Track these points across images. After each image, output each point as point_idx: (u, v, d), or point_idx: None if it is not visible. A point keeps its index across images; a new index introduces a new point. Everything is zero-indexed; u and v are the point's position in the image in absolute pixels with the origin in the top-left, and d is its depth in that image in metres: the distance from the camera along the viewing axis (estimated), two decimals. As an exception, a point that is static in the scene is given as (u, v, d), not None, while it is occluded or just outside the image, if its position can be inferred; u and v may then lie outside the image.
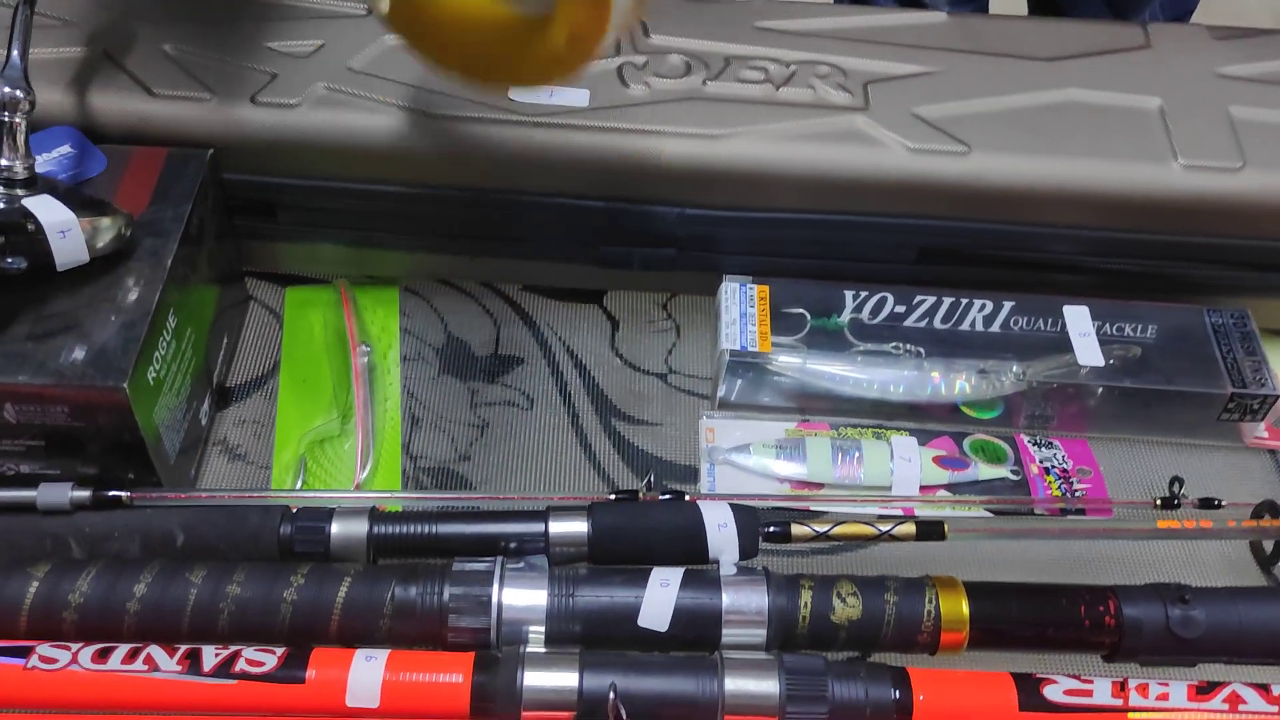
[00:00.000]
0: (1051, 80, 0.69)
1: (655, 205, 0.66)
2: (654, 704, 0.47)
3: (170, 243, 0.56)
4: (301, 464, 0.63)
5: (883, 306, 0.68)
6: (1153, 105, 0.68)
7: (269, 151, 0.63)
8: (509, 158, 0.64)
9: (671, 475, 0.66)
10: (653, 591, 0.51)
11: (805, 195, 0.65)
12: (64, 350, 0.51)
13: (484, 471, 0.65)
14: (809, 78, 0.68)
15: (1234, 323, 0.68)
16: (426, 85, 0.65)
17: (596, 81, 0.67)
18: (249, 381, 0.68)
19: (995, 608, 0.52)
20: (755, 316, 0.67)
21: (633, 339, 0.72)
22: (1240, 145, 0.65)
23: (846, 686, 0.49)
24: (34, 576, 0.50)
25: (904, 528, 0.56)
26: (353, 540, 0.53)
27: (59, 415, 0.52)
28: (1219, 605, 0.53)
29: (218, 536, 0.53)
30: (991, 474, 0.65)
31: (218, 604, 0.49)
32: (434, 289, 0.74)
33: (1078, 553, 0.63)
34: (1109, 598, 0.53)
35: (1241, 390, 0.65)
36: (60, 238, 0.51)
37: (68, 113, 0.62)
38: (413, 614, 0.50)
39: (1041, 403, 0.67)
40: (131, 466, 0.55)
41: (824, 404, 0.67)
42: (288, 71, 0.65)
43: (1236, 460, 0.69)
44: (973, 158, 0.64)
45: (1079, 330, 0.67)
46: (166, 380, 0.56)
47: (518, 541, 0.53)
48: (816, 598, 0.51)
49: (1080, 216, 0.65)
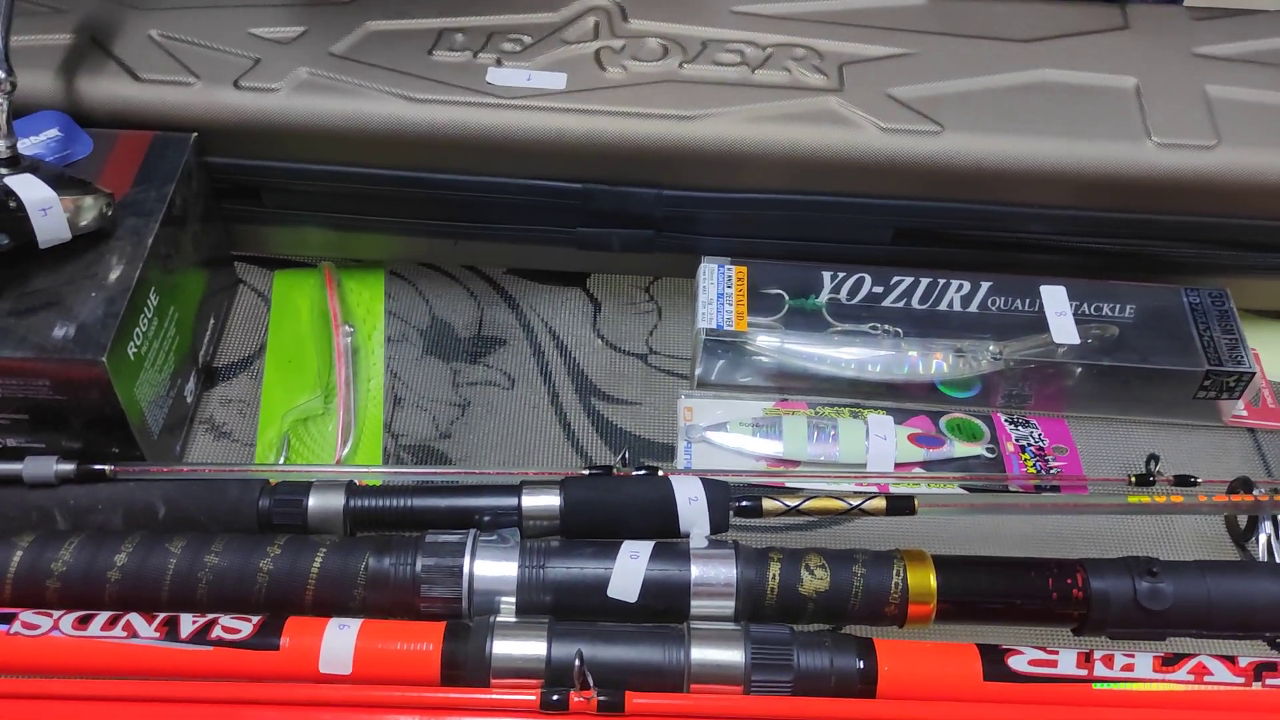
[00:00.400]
0: (1027, 61, 0.69)
1: (633, 186, 0.66)
2: (621, 672, 0.48)
3: (152, 222, 0.58)
4: (284, 441, 0.64)
5: (861, 287, 0.69)
6: (1128, 85, 0.68)
7: (251, 135, 0.65)
8: (486, 141, 0.64)
9: (649, 453, 0.66)
10: (622, 563, 0.51)
11: (781, 176, 0.66)
12: (46, 325, 0.53)
13: (464, 449, 0.66)
14: (785, 60, 0.68)
15: (1212, 301, 0.69)
16: (405, 70, 0.66)
17: (574, 65, 0.68)
18: (236, 362, 0.69)
19: (963, 580, 0.53)
20: (732, 297, 0.67)
21: (614, 320, 0.73)
22: (1215, 123, 0.66)
23: (812, 656, 0.49)
24: (18, 546, 0.51)
25: (874, 502, 0.56)
26: (330, 513, 0.54)
27: (41, 389, 0.53)
28: (1188, 578, 0.53)
29: (198, 509, 0.54)
30: (967, 452, 0.66)
31: (196, 574, 0.51)
32: (419, 272, 0.75)
33: (1052, 530, 0.63)
34: (1077, 571, 0.53)
35: (1217, 368, 0.65)
36: (42, 215, 0.52)
37: (56, 97, 0.64)
38: (386, 584, 0.51)
39: (1019, 382, 0.68)
40: (114, 441, 0.56)
41: (802, 384, 0.68)
42: (270, 57, 0.66)
43: (1215, 439, 0.69)
44: (945, 137, 0.64)
45: (1055, 310, 0.68)
46: (148, 357, 0.57)
47: (491, 515, 0.54)
48: (785, 570, 0.52)
49: (1054, 196, 0.66)
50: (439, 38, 0.69)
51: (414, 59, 0.67)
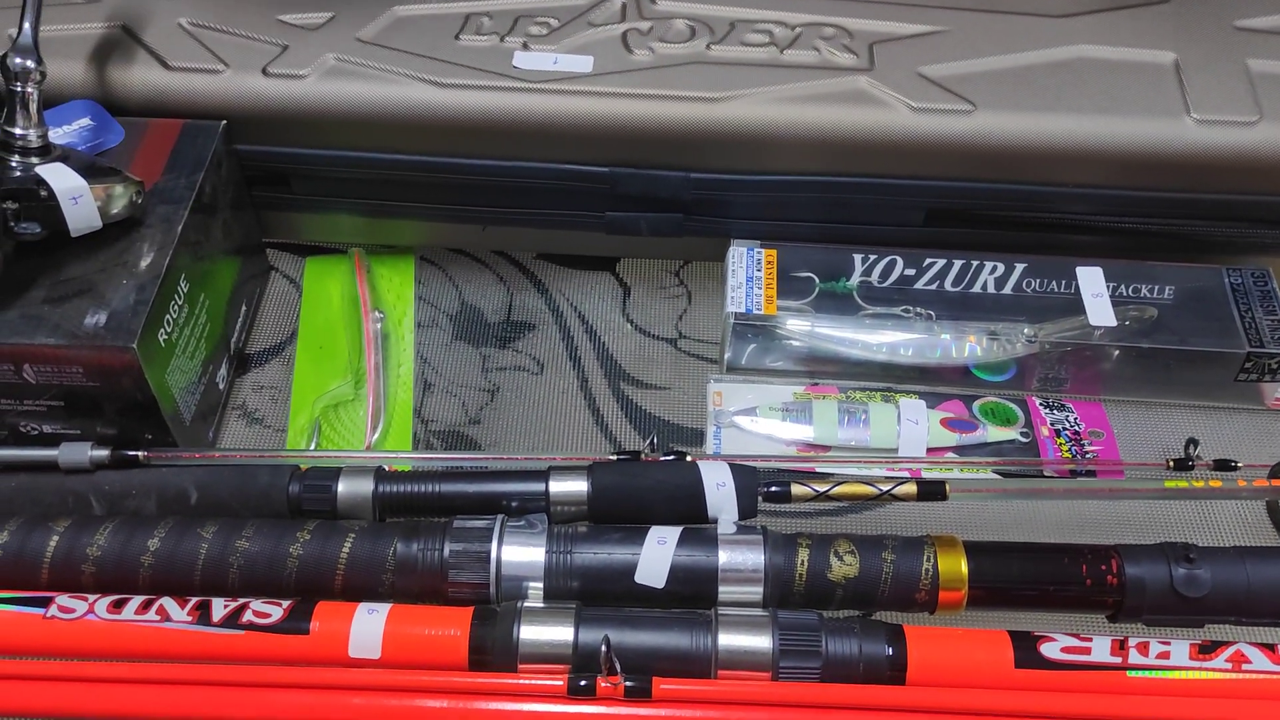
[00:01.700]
0: (1062, 37, 0.67)
1: (661, 170, 0.66)
2: (648, 657, 0.48)
3: (182, 210, 0.58)
4: (316, 427, 0.65)
5: (892, 269, 0.68)
6: (1167, 60, 0.66)
7: (280, 122, 0.65)
8: (513, 125, 0.64)
9: (678, 439, 0.66)
10: (650, 549, 0.51)
11: (810, 157, 0.65)
12: (78, 313, 0.53)
13: (493, 435, 0.66)
14: (814, 39, 0.67)
15: (1254, 282, 0.67)
16: (433, 55, 0.66)
17: (600, 48, 0.67)
18: (268, 348, 0.70)
19: (995, 566, 0.52)
20: (762, 280, 0.67)
21: (644, 305, 0.73)
22: (1258, 98, 0.64)
23: (840, 642, 0.49)
24: (55, 531, 0.52)
25: (905, 488, 0.56)
26: (359, 499, 0.54)
27: (75, 375, 0.54)
28: (1226, 564, 0.52)
29: (229, 494, 0.54)
30: (1000, 436, 0.65)
31: (227, 558, 0.51)
32: (449, 258, 0.75)
33: (1088, 515, 0.62)
34: (1112, 557, 0.52)
35: (1259, 349, 0.64)
36: (72, 204, 0.53)
37: (88, 86, 0.64)
38: (414, 569, 0.51)
39: (1055, 365, 0.66)
40: (147, 427, 0.57)
41: (833, 367, 0.67)
42: (298, 43, 0.66)
43: (1257, 422, 0.67)
44: (978, 116, 0.63)
45: (1092, 291, 0.66)
46: (179, 344, 0.57)
47: (519, 500, 0.54)
48: (814, 556, 0.51)
49: (1090, 175, 0.64)
50: (465, 22, 0.69)
51: (441, 43, 0.67)
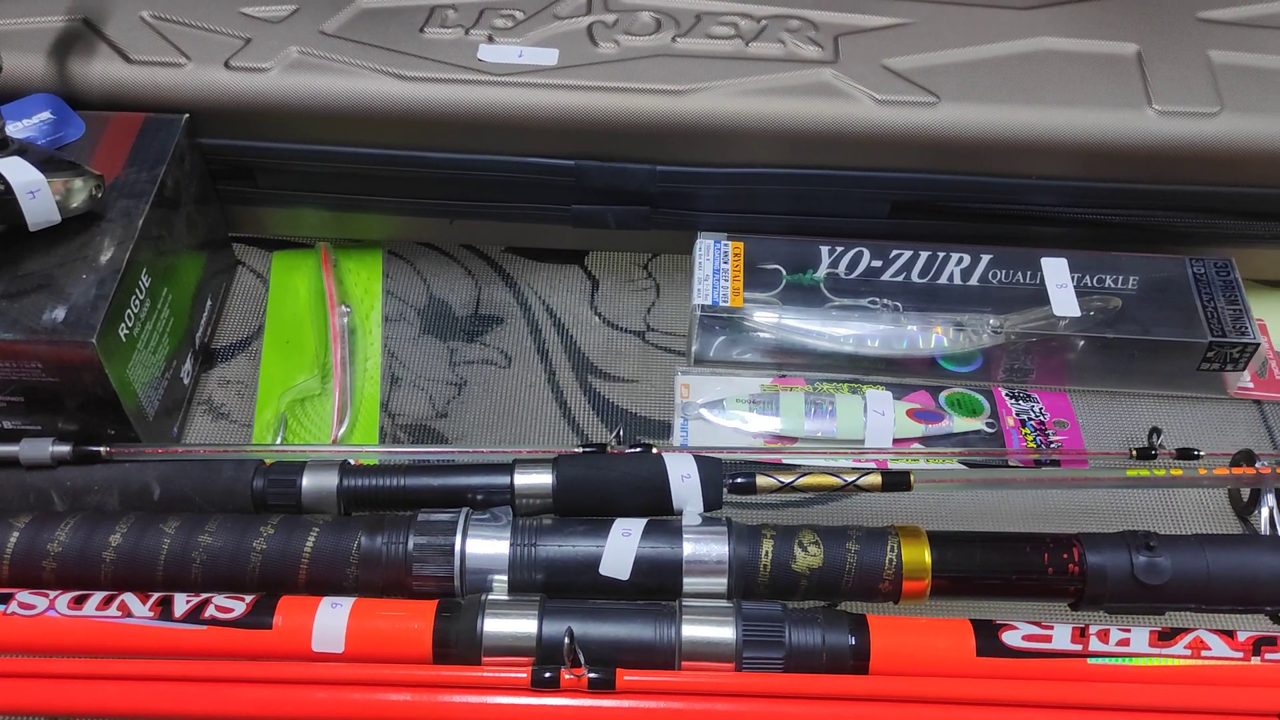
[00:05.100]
0: (1025, 29, 0.68)
1: (627, 163, 0.66)
2: (612, 649, 0.48)
3: (143, 204, 0.58)
4: (282, 421, 0.64)
5: (859, 261, 0.68)
6: (1130, 51, 0.67)
7: (243, 116, 0.64)
8: (479, 118, 0.64)
9: (646, 431, 0.66)
10: (614, 541, 0.51)
11: (776, 150, 0.65)
12: (37, 308, 0.53)
13: (460, 428, 0.66)
14: (779, 32, 0.68)
15: (1217, 272, 0.68)
16: (397, 48, 0.66)
17: (566, 41, 0.67)
18: (235, 343, 0.70)
19: (958, 555, 0.52)
20: (729, 273, 0.67)
21: (612, 298, 0.73)
22: (1219, 90, 0.64)
23: (804, 633, 0.49)
24: (15, 527, 0.51)
25: (869, 478, 0.56)
26: (323, 493, 0.54)
27: (34, 371, 0.53)
28: (1186, 552, 0.52)
29: (193, 490, 0.54)
30: (966, 427, 0.65)
31: (190, 554, 0.51)
32: (417, 251, 0.75)
33: (1053, 505, 0.63)
34: (1073, 545, 0.52)
35: (1221, 339, 0.64)
36: (30, 198, 0.52)
37: (48, 80, 0.64)
38: (378, 563, 0.51)
39: (1020, 356, 0.67)
40: (109, 423, 0.56)
41: (801, 359, 0.67)
42: (261, 36, 0.66)
43: (1221, 411, 0.68)
44: (941, 108, 0.63)
45: (1056, 282, 0.67)
46: (141, 339, 0.57)
47: (484, 493, 0.54)
48: (778, 546, 0.52)
49: (1053, 166, 0.65)
50: (430, 15, 0.68)
51: (405, 37, 0.67)
